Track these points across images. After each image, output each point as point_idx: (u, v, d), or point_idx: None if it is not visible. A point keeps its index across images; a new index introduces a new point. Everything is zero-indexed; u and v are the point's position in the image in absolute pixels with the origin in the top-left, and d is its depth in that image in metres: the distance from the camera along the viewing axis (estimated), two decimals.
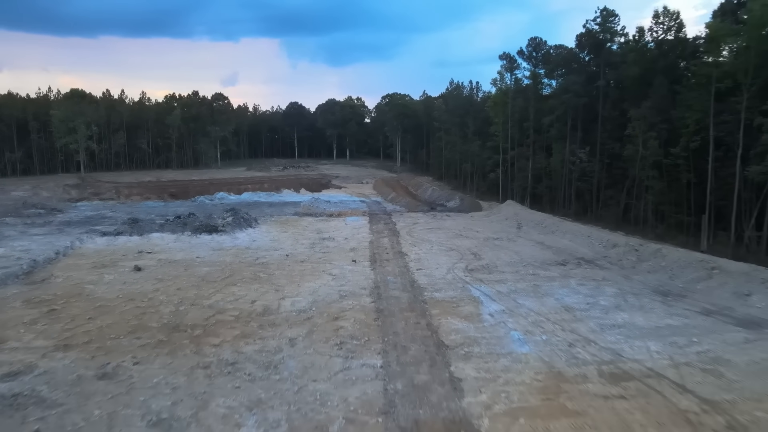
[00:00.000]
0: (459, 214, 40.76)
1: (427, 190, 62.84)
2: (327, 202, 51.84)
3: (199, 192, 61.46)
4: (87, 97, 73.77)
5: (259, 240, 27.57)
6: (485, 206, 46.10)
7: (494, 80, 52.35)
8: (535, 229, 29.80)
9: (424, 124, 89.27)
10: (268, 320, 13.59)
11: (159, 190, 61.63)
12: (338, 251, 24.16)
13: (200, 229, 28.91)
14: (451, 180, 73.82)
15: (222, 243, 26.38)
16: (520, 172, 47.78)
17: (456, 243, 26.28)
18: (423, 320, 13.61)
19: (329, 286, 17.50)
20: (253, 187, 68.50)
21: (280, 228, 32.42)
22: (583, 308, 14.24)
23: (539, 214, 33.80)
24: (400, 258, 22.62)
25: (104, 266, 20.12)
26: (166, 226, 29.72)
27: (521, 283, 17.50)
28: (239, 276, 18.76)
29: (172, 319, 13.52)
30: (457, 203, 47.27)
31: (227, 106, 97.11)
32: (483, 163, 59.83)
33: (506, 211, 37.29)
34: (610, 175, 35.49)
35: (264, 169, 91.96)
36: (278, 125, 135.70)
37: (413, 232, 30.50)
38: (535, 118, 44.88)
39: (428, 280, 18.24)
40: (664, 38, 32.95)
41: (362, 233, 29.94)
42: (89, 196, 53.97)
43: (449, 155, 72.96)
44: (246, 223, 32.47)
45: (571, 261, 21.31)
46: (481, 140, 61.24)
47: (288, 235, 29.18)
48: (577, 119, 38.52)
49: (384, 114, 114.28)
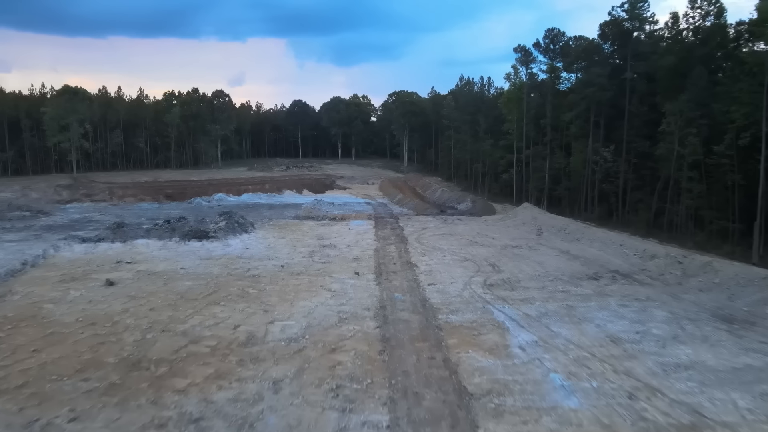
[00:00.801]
0: (471, 218, 38.44)
1: (436, 192, 60.51)
2: (330, 204, 49.72)
3: (197, 193, 59.57)
4: (80, 94, 72.06)
5: (253, 248, 25.43)
6: (499, 209, 43.73)
7: (508, 75, 50.04)
8: (557, 236, 27.42)
9: (433, 122, 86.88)
10: (250, 353, 11.40)
11: (155, 191, 59.80)
12: (340, 261, 21.97)
13: (189, 235, 26.81)
14: (460, 181, 71.42)
15: (212, 251, 24.27)
16: (536, 172, 45.38)
17: (471, 252, 23.99)
18: (438, 354, 11.36)
19: (327, 305, 15.30)
20: (253, 188, 66.57)
21: (278, 233, 30.29)
22: (633, 339, 11.92)
23: (560, 219, 31.41)
24: (409, 270, 20.38)
25: (73, 280, 18.03)
26: (152, 232, 27.65)
27: (551, 303, 15.19)
28: (225, 292, 16.60)
29: (134, 351, 11.35)
30: (468, 206, 44.93)
31: (228, 103, 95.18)
32: (495, 163, 57.43)
33: (523, 214, 34.93)
34: (638, 176, 32.95)
35: (266, 169, 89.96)
36: (282, 124, 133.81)
37: (423, 238, 28.24)
38: (552, 114, 42.47)
39: (442, 298, 16.00)
40: (702, 25, 30.35)
41: (367, 240, 27.74)
42: (81, 197, 52.16)
43: (459, 155, 70.56)
44: (240, 228, 30.35)
45: (605, 275, 18.97)
46: (494, 139, 58.88)
47: (285, 242, 27.03)
48: (600, 115, 36.07)
49: (390, 112, 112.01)
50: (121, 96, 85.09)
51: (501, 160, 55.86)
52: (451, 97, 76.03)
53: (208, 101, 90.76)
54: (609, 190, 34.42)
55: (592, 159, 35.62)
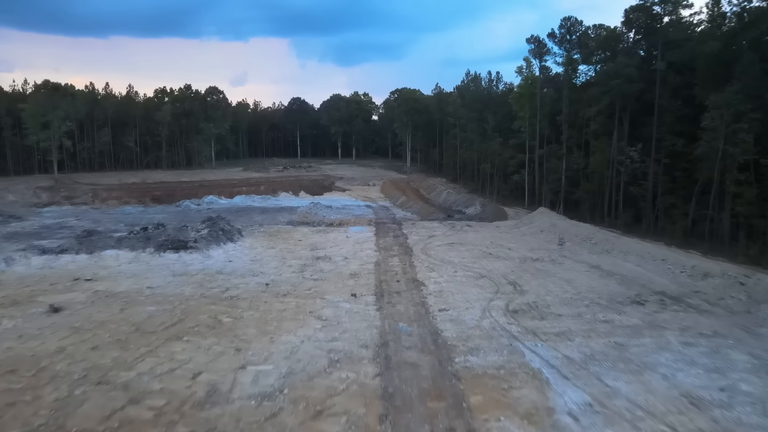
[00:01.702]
0: (481, 224, 35.68)
1: (442, 194, 57.74)
2: (328, 207, 47.07)
3: (187, 195, 57.02)
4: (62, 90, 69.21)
5: (237, 260, 22.73)
6: (511, 214, 40.97)
7: (519, 68, 47.20)
8: (582, 247, 24.60)
9: (437, 120, 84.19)
10: (207, 420, 8.66)
11: (142, 193, 57.19)
12: (335, 278, 19.26)
13: (166, 245, 24.10)
14: (467, 182, 68.67)
15: (189, 265, 21.59)
16: (551, 173, 42.57)
17: (486, 266, 21.24)
18: (460, 423, 8.60)
19: (316, 340, 12.58)
20: (247, 190, 64.06)
21: (268, 242, 27.60)
22: (720, 401, 9.12)
23: (584, 227, 28.58)
24: (416, 289, 17.65)
25: (14, 304, 15.33)
26: (124, 242, 24.95)
27: (595, 340, 12.41)
28: (192, 321, 13.88)
29: (49, 419, 8.60)
30: (477, 210, 42.15)
31: (222, 101, 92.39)
32: (505, 164, 54.69)
33: (540, 221, 32.12)
34: (671, 178, 29.99)
35: (262, 170, 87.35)
36: (280, 123, 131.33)
37: (429, 248, 25.50)
38: (569, 110, 39.68)
39: (457, 330, 13.26)
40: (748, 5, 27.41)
41: (366, 250, 25.01)
42: (61, 200, 49.58)
43: (465, 154, 67.83)
44: (226, 236, 27.65)
45: (650, 298, 16.17)
46: (503, 137, 56.18)
47: (275, 253, 24.32)
48: (624, 111, 33.24)
49: (393, 110, 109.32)
50: (110, 93, 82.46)
51: (511, 160, 53.15)
52: (456, 93, 73.30)
53: (201, 98, 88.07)
54: (637, 193, 31.44)
55: (616, 159, 32.73)
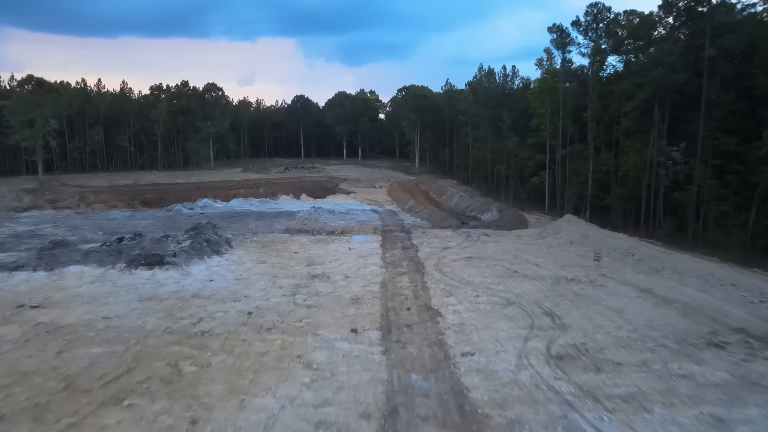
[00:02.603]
0: (500, 233, 32.55)
1: (453, 197, 54.60)
2: (330, 212, 44.17)
3: (180, 198, 54.38)
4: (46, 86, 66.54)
5: (219, 279, 19.81)
6: (531, 221, 37.79)
7: (539, 60, 44.00)
8: (624, 264, 21.38)
9: (447, 118, 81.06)
10: None
11: (132, 196, 54.55)
12: (332, 304, 16.29)
13: (139, 260, 21.22)
14: (480, 184, 65.49)
15: (162, 285, 18.68)
16: (576, 176, 39.31)
17: (513, 288, 18.16)
18: None
19: (301, 404, 9.60)
20: (245, 192, 61.37)
21: (259, 255, 24.69)
22: None
23: (621, 238, 25.35)
24: (431, 322, 14.62)
25: None
26: (92, 256, 22.09)
27: (680, 410, 9.29)
28: (144, 372, 10.92)
29: None
30: (494, 216, 38.97)
31: (221, 98, 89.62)
32: (522, 165, 51.50)
33: (568, 230, 28.94)
34: (722, 182, 26.61)
35: (263, 170, 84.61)
36: (283, 121, 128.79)
37: (444, 263, 22.44)
38: (598, 106, 36.42)
39: (489, 389, 10.23)
40: None
41: (371, 266, 22.01)
42: (44, 203, 46.98)
43: (478, 154, 64.66)
44: (211, 248, 24.75)
45: (730, 338, 13.01)
46: (519, 136, 53.00)
47: (265, 270, 21.38)
48: (664, 105, 29.92)
49: (400, 108, 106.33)
50: (101, 90, 79.78)
51: (529, 161, 49.97)
52: (468, 90, 70.12)
53: (198, 95, 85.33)
54: (680, 200, 27.93)
55: (655, 160, 29.39)
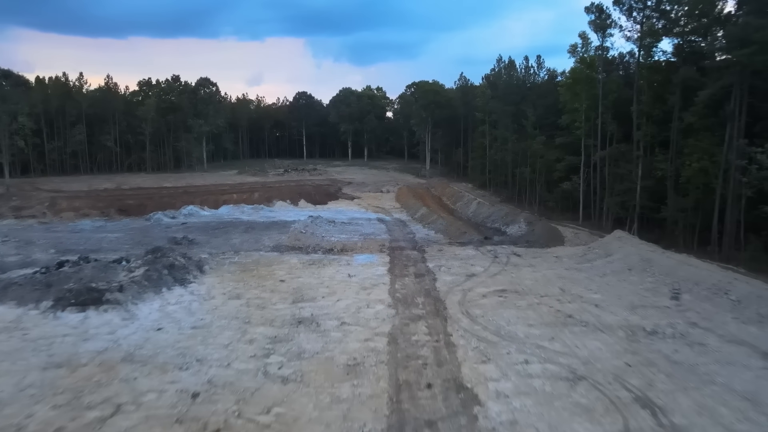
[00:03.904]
0: (532, 251, 27.63)
1: (470, 204, 49.61)
2: (330, 222, 39.48)
3: (164, 205, 49.96)
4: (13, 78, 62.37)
5: (170, 328, 15.08)
6: (567, 235, 32.75)
7: (573, 47, 38.88)
8: (715, 305, 16.32)
9: (462, 116, 76.13)
10: None
11: (111, 202, 50.20)
12: (319, 376, 11.54)
13: (70, 297, 16.56)
14: (499, 189, 60.49)
15: (87, 339, 14.02)
16: (620, 181, 34.26)
17: (574, 346, 13.30)
18: None
19: None
20: (238, 198, 56.83)
21: (235, 285, 19.98)
22: None
23: (701, 266, 20.18)
24: (464, 415, 9.84)
25: None
26: (13, 290, 17.55)
27: None
28: None
29: None
30: (522, 229, 33.98)
31: (215, 94, 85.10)
32: (549, 167, 46.46)
33: (621, 251, 23.94)
34: None
35: (260, 173, 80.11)
36: (284, 120, 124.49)
37: (472, 301, 17.57)
38: (649, 99, 31.39)
39: None
40: None
41: (376, 305, 17.19)
42: (6, 212, 42.67)
43: (497, 155, 59.65)
44: (174, 276, 20.06)
45: None
46: (546, 135, 47.98)
47: (236, 310, 16.63)
48: (743, 96, 24.85)
49: (409, 105, 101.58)
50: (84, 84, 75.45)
51: (558, 164, 44.91)
52: (485, 84, 65.14)
53: (190, 91, 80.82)
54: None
55: (734, 164, 24.28)
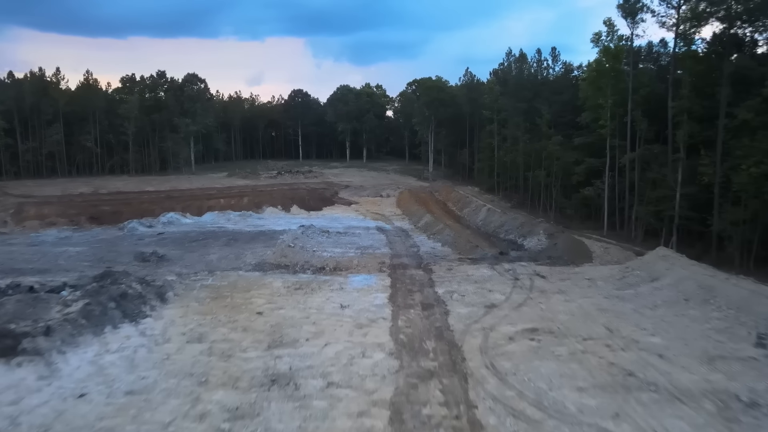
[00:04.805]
0: (557, 270, 24.05)
1: (479, 211, 45.96)
2: (324, 233, 35.95)
3: (143, 211, 46.52)
4: None
5: (98, 391, 11.45)
6: (595, 250, 29.05)
7: (596, 36, 35.31)
8: None
9: (467, 114, 72.57)
10: None
11: (84, 208, 46.70)
12: None
13: None
14: (509, 193, 56.92)
15: None
16: (655, 188, 30.72)
17: (649, 429, 9.63)
18: None
19: None
20: (225, 203, 53.33)
21: (200, 318, 16.36)
22: None
23: None
24: None
25: None
26: None
27: None
28: None
29: None
30: (542, 242, 30.35)
31: (203, 91, 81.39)
32: (567, 170, 42.91)
33: (671, 275, 20.31)
34: None
35: (252, 175, 76.56)
36: (280, 119, 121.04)
37: (496, 348, 13.89)
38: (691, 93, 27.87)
39: None
40: None
41: (373, 352, 13.54)
42: None
43: (506, 157, 56.09)
44: (124, 309, 16.42)
45: None
46: (563, 134, 44.48)
47: (192, 363, 12.96)
48: None
49: (410, 103, 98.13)
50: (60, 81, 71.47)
51: (577, 167, 41.38)
52: (494, 80, 61.55)
53: (176, 88, 77.10)
54: None
55: None
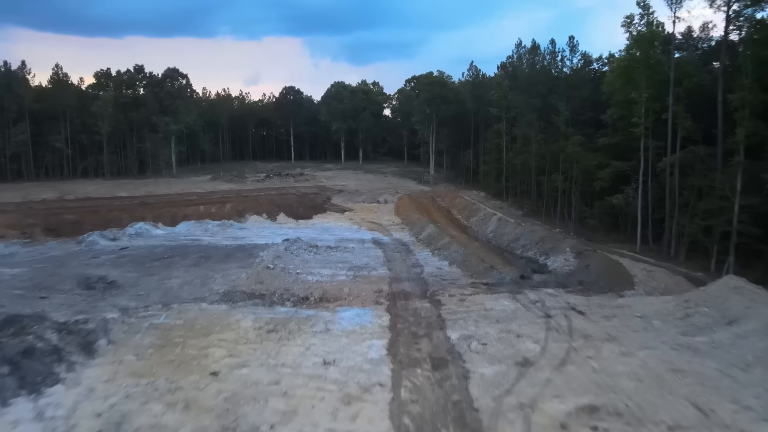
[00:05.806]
0: (595, 301, 19.81)
1: (489, 221, 41.62)
2: (312, 248, 31.76)
3: (110, 220, 42.46)
4: None
5: None
6: (636, 273, 24.81)
7: (628, 19, 31.09)
8: None
9: (471, 112, 68.40)
10: None
11: (43, 217, 42.37)
12: None
13: None
14: (520, 199, 52.70)
15: None
16: (698, 197, 26.60)
17: None
18: None
19: None
20: (204, 211, 49.00)
21: (131, 384, 12.07)
22: None
23: None
24: None
25: None
26: None
27: None
28: None
29: None
30: (570, 262, 26.08)
31: (184, 87, 76.96)
32: (589, 175, 38.74)
33: (753, 316, 16.09)
34: None
35: (238, 178, 72.23)
36: (271, 118, 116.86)
37: None
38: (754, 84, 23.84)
39: None
40: None
41: None
42: None
43: (517, 159, 51.92)
44: (24, 373, 12.25)
45: None
46: (584, 134, 40.34)
47: None
48: None
49: (410, 101, 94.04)
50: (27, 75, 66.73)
51: (600, 171, 37.24)
52: (502, 74, 57.34)
53: (155, 84, 72.68)
54: None
55: None
